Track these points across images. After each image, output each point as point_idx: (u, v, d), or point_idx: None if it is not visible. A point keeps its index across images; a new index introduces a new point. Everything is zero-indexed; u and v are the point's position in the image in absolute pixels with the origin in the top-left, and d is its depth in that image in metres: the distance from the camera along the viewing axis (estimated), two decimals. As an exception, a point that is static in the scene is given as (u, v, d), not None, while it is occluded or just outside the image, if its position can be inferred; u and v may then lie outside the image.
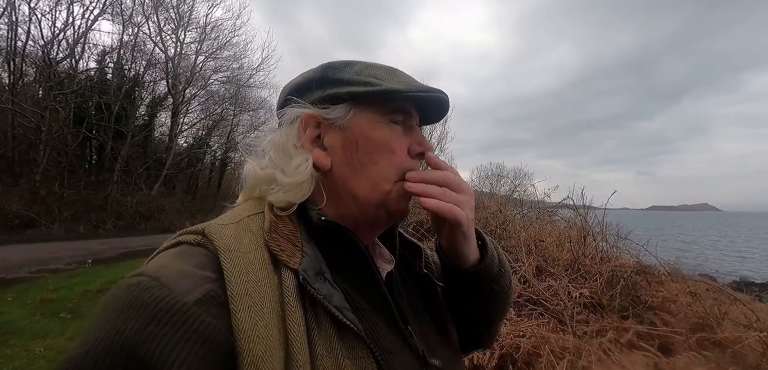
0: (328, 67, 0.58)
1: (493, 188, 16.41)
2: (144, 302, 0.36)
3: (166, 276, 0.39)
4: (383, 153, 0.55)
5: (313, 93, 0.56)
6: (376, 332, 0.48)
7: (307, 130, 0.56)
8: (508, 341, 2.58)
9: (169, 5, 17.19)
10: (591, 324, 3.07)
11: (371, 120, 0.55)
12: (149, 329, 0.35)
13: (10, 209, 11.08)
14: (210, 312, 0.38)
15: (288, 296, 0.42)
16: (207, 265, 0.42)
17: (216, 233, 0.44)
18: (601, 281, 3.74)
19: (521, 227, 5.59)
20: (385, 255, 0.63)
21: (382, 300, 0.52)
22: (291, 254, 0.46)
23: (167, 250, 0.45)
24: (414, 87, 0.55)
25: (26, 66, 13.79)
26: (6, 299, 4.83)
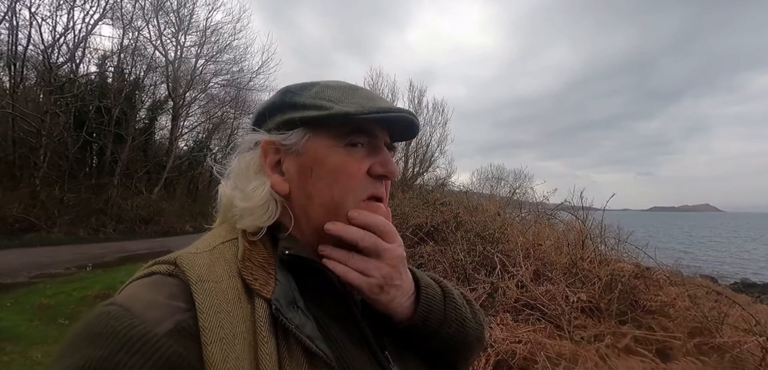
0: (286, 91, 0.58)
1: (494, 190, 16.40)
2: (114, 330, 0.36)
3: (137, 306, 0.39)
4: (338, 178, 0.53)
5: (275, 118, 0.56)
6: (348, 359, 0.47)
7: (267, 156, 0.56)
8: (503, 348, 2.57)
9: (169, 9, 17.26)
10: (589, 329, 3.05)
11: (326, 145, 0.53)
12: (118, 357, 0.35)
13: (10, 213, 11.10)
14: (180, 343, 0.38)
15: (260, 327, 0.42)
16: (179, 295, 0.42)
17: (188, 263, 0.44)
18: (600, 285, 3.72)
19: (519, 231, 5.57)
20: None
21: (356, 325, 0.51)
22: (264, 282, 0.46)
23: (139, 280, 0.45)
24: (365, 109, 0.52)
25: (27, 70, 13.82)
26: (5, 304, 4.84)
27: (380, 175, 0.56)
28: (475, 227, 5.93)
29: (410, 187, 16.17)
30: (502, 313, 3.31)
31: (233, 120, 22.12)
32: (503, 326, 2.96)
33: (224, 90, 20.65)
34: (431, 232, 6.77)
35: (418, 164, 21.53)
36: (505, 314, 3.22)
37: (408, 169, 20.99)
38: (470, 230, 5.86)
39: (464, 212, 7.28)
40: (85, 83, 15.31)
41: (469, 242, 5.24)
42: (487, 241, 5.16)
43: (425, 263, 5.47)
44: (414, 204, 8.75)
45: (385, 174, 0.56)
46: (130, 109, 16.38)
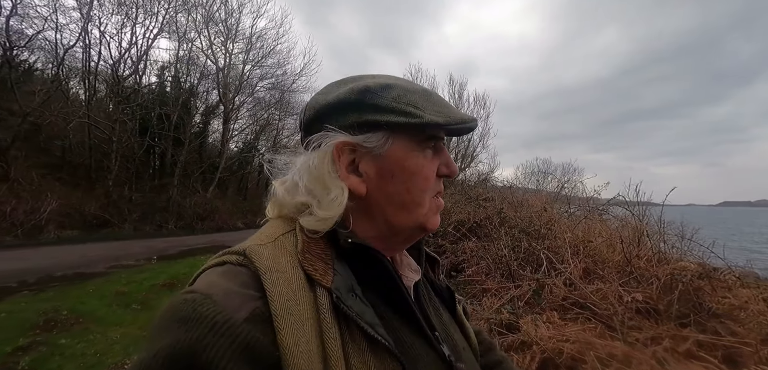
0: (365, 91, 0.56)
1: (540, 184, 15.73)
2: (201, 315, 0.40)
3: (217, 294, 0.42)
4: (417, 181, 0.56)
5: (349, 117, 0.55)
6: (404, 342, 0.51)
7: (342, 156, 0.55)
8: (550, 346, 2.50)
9: (218, 20, 18.39)
10: (644, 331, 2.88)
11: (406, 148, 0.56)
12: (208, 339, 0.38)
13: (88, 211, 12.46)
14: (258, 328, 0.41)
15: (324, 314, 0.45)
16: (250, 284, 0.45)
17: (256, 254, 0.47)
18: (658, 285, 3.48)
19: (567, 227, 5.33)
20: (412, 265, 0.66)
21: (408, 310, 0.54)
22: (324, 273, 0.49)
23: (213, 268, 0.48)
24: (452, 119, 0.56)
25: (99, 83, 15.44)
26: (88, 291, 5.49)
27: (445, 175, 0.61)
28: (520, 223, 5.76)
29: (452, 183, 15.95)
30: (548, 311, 3.21)
31: (278, 121, 23.13)
32: (550, 324, 2.88)
33: (269, 93, 21.65)
34: (474, 228, 6.67)
35: (460, 160, 21.18)
36: (552, 312, 3.13)
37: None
38: (514, 226, 5.70)
39: (508, 208, 7.09)
40: (147, 93, 16.82)
41: (513, 238, 5.10)
42: (532, 237, 5.00)
43: (468, 259, 5.41)
44: (456, 200, 8.65)
45: (448, 174, 0.61)
46: (186, 115, 17.70)
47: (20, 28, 12.76)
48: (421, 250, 0.69)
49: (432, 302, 0.66)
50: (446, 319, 0.67)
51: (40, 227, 10.62)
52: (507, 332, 2.84)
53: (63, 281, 6.03)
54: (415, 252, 0.68)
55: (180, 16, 16.77)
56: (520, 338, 2.67)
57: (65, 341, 3.68)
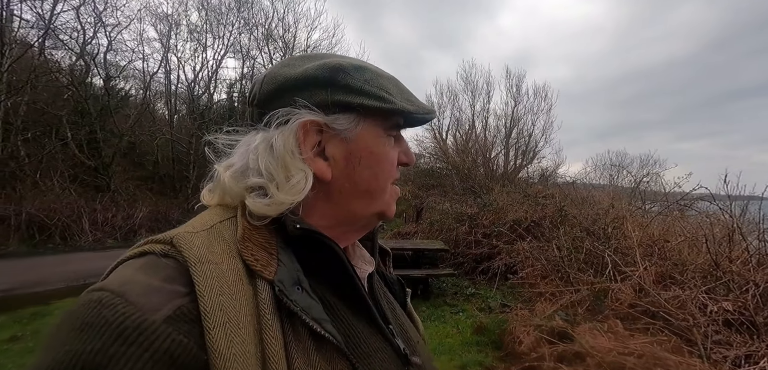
0: (339, 69, 0.50)
1: (613, 179, 14.29)
2: (107, 320, 0.33)
3: (131, 291, 0.36)
4: (383, 167, 0.54)
5: (318, 94, 0.50)
6: (356, 336, 0.47)
7: (307, 136, 0.50)
8: (609, 359, 2.21)
9: (276, 36, 19.67)
10: (735, 348, 2.42)
11: (375, 134, 0.53)
12: (113, 349, 0.32)
13: (172, 216, 14.04)
14: (181, 330, 0.35)
15: (264, 309, 0.40)
16: (176, 278, 0.39)
17: (185, 243, 0.41)
18: (755, 293, 2.92)
19: (639, 225, 4.73)
20: (365, 256, 0.61)
21: (362, 303, 0.50)
22: (266, 263, 0.43)
23: (130, 260, 0.41)
24: (421, 109, 0.55)
25: (179, 103, 17.39)
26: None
27: (404, 163, 0.60)
28: (583, 222, 5.25)
29: (511, 181, 15.19)
30: (611, 319, 2.85)
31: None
32: (611, 334, 2.55)
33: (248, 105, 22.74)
34: (530, 227, 6.25)
35: (520, 156, 20.07)
36: (616, 321, 2.77)
37: (508, 162, 19.73)
38: (576, 225, 5.22)
39: (570, 205, 6.52)
40: (218, 109, 18.56)
41: (574, 238, 4.66)
42: (596, 237, 4.52)
43: (522, 261, 5.07)
44: (513, 198, 8.20)
45: (407, 162, 0.60)
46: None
47: (115, 61, 14.92)
48: (375, 240, 0.64)
49: (385, 295, 0.62)
50: (399, 312, 0.63)
51: (135, 230, 12.20)
52: (558, 340, 2.57)
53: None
54: (367, 243, 0.64)
55: (243, 36, 18.29)
56: (573, 348, 2.40)
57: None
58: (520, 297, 4.25)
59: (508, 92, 20.08)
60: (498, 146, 19.95)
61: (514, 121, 19.80)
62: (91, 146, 13.32)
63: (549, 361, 2.33)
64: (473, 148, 19.11)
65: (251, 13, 18.15)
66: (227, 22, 17.43)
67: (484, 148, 19.18)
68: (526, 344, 2.66)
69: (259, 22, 18.49)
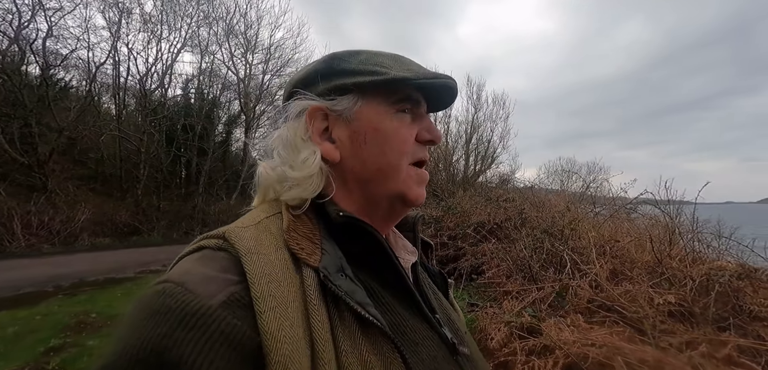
0: (333, 57, 0.57)
1: (564, 184, 15.26)
2: (170, 307, 0.37)
3: (191, 281, 0.39)
4: (392, 144, 0.54)
5: (319, 85, 0.55)
6: (402, 324, 0.48)
7: (314, 123, 0.55)
8: (574, 350, 2.38)
9: (238, 32, 18.94)
10: (678, 335, 2.70)
11: (378, 111, 0.54)
12: (176, 334, 0.35)
13: (119, 219, 13.01)
14: (235, 314, 0.38)
15: (310, 295, 0.42)
16: (229, 268, 0.42)
17: (236, 237, 0.44)
18: (692, 287, 3.27)
19: (592, 227, 5.12)
20: (408, 247, 0.63)
21: (407, 291, 0.51)
22: (310, 252, 0.46)
23: (189, 255, 0.45)
24: (421, 74, 0.54)
25: (128, 98, 16.20)
26: (116, 294, 5.71)
27: (427, 141, 0.58)
28: (542, 224, 5.58)
29: (472, 184, 15.72)
30: (573, 314, 3.07)
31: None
32: (574, 328, 2.75)
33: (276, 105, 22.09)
34: (494, 229, 6.52)
35: (479, 161, 20.84)
36: (577, 315, 2.98)
37: (469, 166, 20.41)
38: (536, 227, 5.53)
39: (529, 208, 6.90)
40: (173, 105, 17.50)
41: (535, 239, 4.95)
42: (555, 237, 4.83)
43: (488, 262, 5.28)
44: (475, 201, 8.50)
45: (432, 139, 0.58)
46: (210, 125, 18.26)
47: (55, 49, 13.58)
48: (417, 233, 0.66)
49: (430, 286, 0.63)
50: (445, 303, 0.64)
51: (75, 235, 11.16)
52: (528, 335, 2.73)
53: (94, 286, 6.30)
54: (409, 235, 0.66)
55: (202, 30, 17.42)
56: (542, 341, 2.56)
57: (93, 343, 3.82)
58: (486, 296, 4.43)
59: (469, 99, 20.81)
60: (459, 151, 20.60)
61: (474, 128, 20.56)
62: (25, 141, 12.01)
63: (520, 355, 2.46)
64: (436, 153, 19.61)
65: (212, 6, 17.32)
66: (185, 14, 16.49)
67: (446, 153, 19.73)
68: (497, 340, 2.79)
69: (220, 16, 17.70)
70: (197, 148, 17.52)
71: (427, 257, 0.69)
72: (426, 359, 0.47)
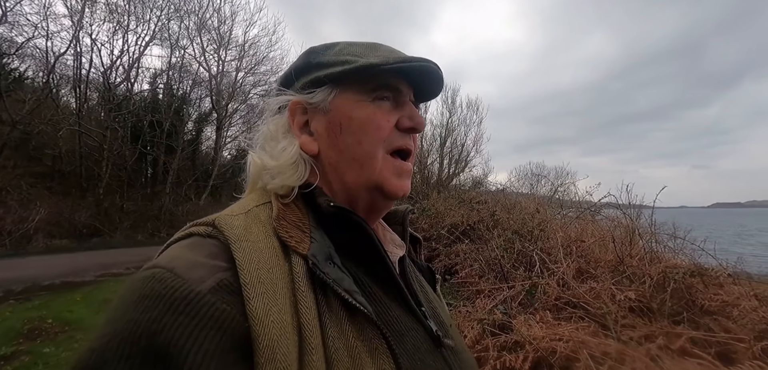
0: (310, 52, 0.59)
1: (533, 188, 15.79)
2: (159, 292, 0.37)
3: (180, 266, 0.39)
4: (368, 131, 0.54)
5: (299, 80, 0.58)
6: (388, 314, 0.49)
7: (295, 117, 0.57)
8: (543, 345, 2.48)
9: (210, 27, 18.37)
10: (638, 329, 2.86)
11: (353, 100, 0.54)
12: (166, 318, 0.35)
13: (78, 220, 12.27)
14: (224, 299, 0.38)
15: (299, 282, 0.43)
16: (218, 255, 0.42)
17: (226, 224, 0.45)
18: (650, 284, 3.48)
19: (560, 228, 5.34)
20: (396, 240, 0.64)
21: (393, 283, 0.52)
22: (300, 240, 0.47)
23: (179, 241, 0.45)
24: (391, 59, 0.53)
25: (90, 91, 15.31)
26: (75, 299, 5.37)
27: (408, 128, 0.57)
28: (513, 225, 5.76)
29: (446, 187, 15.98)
30: (542, 310, 3.19)
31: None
32: (543, 324, 2.86)
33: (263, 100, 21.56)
34: (467, 231, 6.67)
35: (453, 165, 21.21)
36: (545, 312, 3.10)
37: (443, 169, 20.73)
38: (507, 228, 5.70)
39: (501, 210, 7.09)
40: (139, 100, 16.71)
41: (506, 239, 5.10)
42: (525, 238, 5.00)
43: (461, 262, 5.39)
44: (449, 204, 8.66)
45: (413, 127, 0.57)
46: (179, 122, 17.57)
47: (10, 36, 12.65)
48: (405, 227, 0.67)
49: (418, 280, 0.64)
50: (432, 296, 0.65)
51: (29, 236, 10.44)
52: (500, 332, 2.81)
53: (50, 290, 5.91)
54: (398, 229, 0.67)
55: (172, 23, 16.75)
56: (513, 338, 2.65)
57: (49, 350, 3.58)
58: (460, 296, 4.51)
59: (444, 103, 21.14)
60: (434, 154, 20.88)
61: (448, 131, 20.92)
62: (-28, 134, 11.14)
63: (493, 351, 2.53)
64: (411, 155, 19.74)
65: (183, -1, 16.61)
66: (154, 6, 15.77)
67: (420, 156, 19.96)
68: (470, 337, 2.85)
69: (192, 10, 17.08)
70: (165, 146, 16.81)
71: (415, 252, 0.70)
72: (410, 349, 0.48)
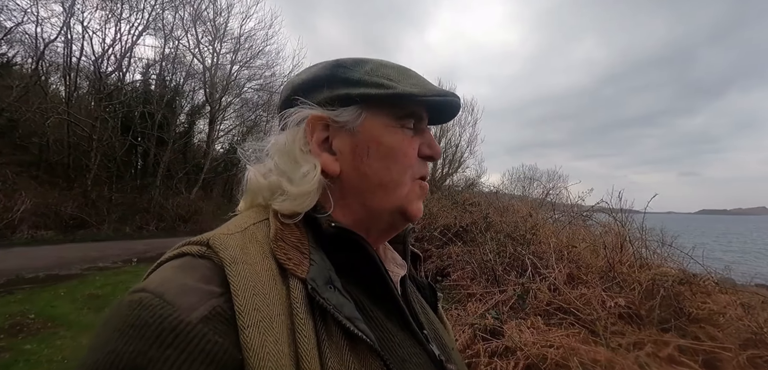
0: (338, 65, 0.54)
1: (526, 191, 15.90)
2: (146, 321, 0.34)
3: (169, 292, 0.37)
4: (396, 158, 0.53)
5: (322, 92, 0.53)
6: (390, 340, 0.47)
7: (314, 132, 0.52)
8: (534, 351, 2.48)
9: (206, 19, 18.14)
10: (627, 336, 2.88)
11: (383, 124, 0.52)
12: (152, 351, 0.33)
13: (65, 211, 12.03)
14: (216, 330, 0.36)
15: (297, 308, 0.40)
16: (212, 278, 0.40)
17: (221, 244, 0.42)
18: (640, 291, 3.51)
19: (552, 232, 5.36)
20: (397, 260, 0.62)
21: (396, 306, 0.50)
22: (298, 262, 0.44)
23: (169, 262, 0.43)
24: (429, 91, 0.53)
25: (80, 80, 15.00)
26: (59, 293, 5.25)
27: (428, 156, 0.57)
28: (506, 228, 5.78)
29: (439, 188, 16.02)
30: (533, 316, 3.19)
31: (266, 123, 22.86)
32: (534, 330, 2.86)
33: (257, 94, 21.40)
34: (460, 232, 6.67)
35: (447, 165, 21.29)
36: (537, 317, 3.11)
37: (437, 169, 20.79)
38: (500, 231, 5.71)
39: (494, 213, 7.11)
40: (130, 90, 16.43)
41: (498, 242, 5.11)
42: (517, 242, 5.01)
43: (453, 264, 5.39)
44: (442, 205, 8.66)
45: (432, 155, 0.58)
46: (171, 114, 17.32)
47: (-3, 21, 12.35)
48: (406, 244, 0.64)
49: (418, 301, 0.62)
50: (433, 317, 0.63)
51: (13, 226, 10.21)
52: (491, 337, 2.81)
53: (34, 283, 5.78)
54: (399, 247, 0.64)
55: (167, 13, 16.47)
56: (505, 343, 2.65)
57: (31, 347, 3.49)
58: (451, 299, 4.51)
59: (440, 104, 21.17)
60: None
61: (443, 132, 20.97)
62: (-45, 121, 10.87)
63: (484, 356, 2.53)
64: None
65: (177, -11, 16.35)
66: (148, -5, 15.46)
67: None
68: (461, 342, 2.84)
69: (187, 0, 16.78)
70: (156, 138, 16.56)
71: (415, 268, 0.68)
72: None
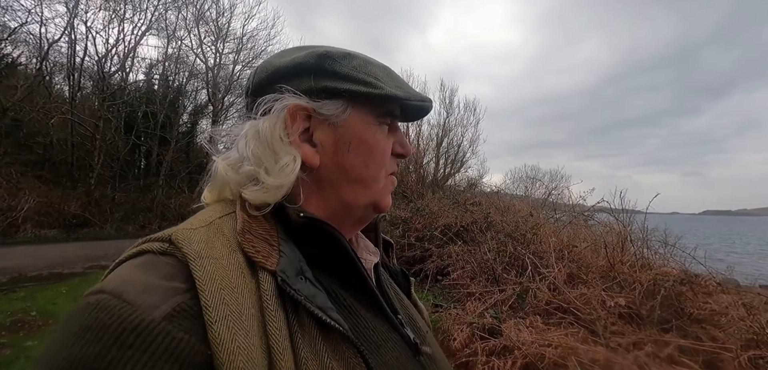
0: (325, 56, 0.51)
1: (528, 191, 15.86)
2: (104, 323, 0.32)
3: (129, 291, 0.35)
4: (375, 156, 0.54)
5: (304, 81, 0.51)
6: (364, 327, 0.47)
7: (295, 122, 0.50)
8: (532, 351, 2.46)
9: (208, 19, 18.18)
10: (627, 336, 2.86)
11: (365, 121, 0.53)
12: (111, 354, 0.31)
13: (68, 210, 12.11)
14: (181, 326, 0.34)
15: (267, 301, 0.39)
16: (175, 275, 0.38)
17: (184, 239, 0.40)
18: (640, 291, 3.49)
19: (552, 232, 5.34)
20: (370, 247, 0.62)
21: (369, 293, 0.50)
22: (267, 254, 0.43)
23: (129, 260, 0.41)
24: (412, 96, 0.54)
25: (84, 80, 15.10)
26: (60, 291, 5.28)
27: (400, 154, 0.59)
28: (506, 228, 5.76)
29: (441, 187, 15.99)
30: (532, 315, 3.18)
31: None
32: (533, 329, 2.85)
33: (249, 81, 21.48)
34: (460, 232, 6.65)
35: (449, 165, 21.21)
36: (535, 317, 3.10)
37: (439, 169, 20.74)
38: (501, 231, 5.70)
39: (495, 212, 7.09)
40: (134, 90, 16.52)
41: (499, 242, 5.09)
42: (518, 241, 4.99)
43: (453, 263, 5.37)
44: (443, 204, 8.64)
45: (403, 153, 0.59)
46: (174, 114, 17.40)
47: (2, 21, 12.45)
48: (378, 232, 0.64)
49: (392, 286, 0.63)
50: (406, 302, 0.64)
51: (17, 225, 10.29)
52: (489, 336, 2.80)
53: (36, 281, 5.82)
54: (370, 235, 0.64)
55: (170, 13, 16.55)
56: (503, 342, 2.63)
57: (32, 344, 3.51)
58: (451, 298, 4.50)
59: (441, 104, 21.12)
60: (430, 154, 20.87)
61: (445, 132, 20.91)
62: (-40, 120, 10.95)
63: (481, 355, 2.52)
64: (408, 155, 19.71)
65: (180, -11, 16.42)
66: (151, -5, 15.54)
67: (416, 155, 19.94)
68: (459, 341, 2.83)
69: (190, 0, 16.84)
70: (159, 138, 16.63)
71: (387, 256, 0.69)
72: (389, 360, 0.46)
